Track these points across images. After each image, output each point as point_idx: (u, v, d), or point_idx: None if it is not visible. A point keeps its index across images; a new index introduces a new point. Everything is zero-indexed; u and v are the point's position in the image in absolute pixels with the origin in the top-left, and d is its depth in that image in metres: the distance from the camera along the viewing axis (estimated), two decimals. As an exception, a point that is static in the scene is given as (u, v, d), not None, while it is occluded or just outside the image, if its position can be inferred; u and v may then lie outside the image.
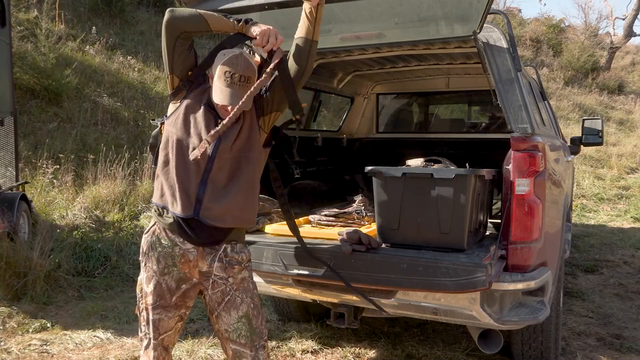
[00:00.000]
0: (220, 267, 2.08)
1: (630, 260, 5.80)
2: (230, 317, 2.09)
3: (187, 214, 2.00)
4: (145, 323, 2.12)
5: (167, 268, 2.07)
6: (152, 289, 2.07)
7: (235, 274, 2.10)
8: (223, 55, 2.00)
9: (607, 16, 21.65)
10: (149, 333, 2.12)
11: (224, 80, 1.96)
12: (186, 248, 2.06)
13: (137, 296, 2.15)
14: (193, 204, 2.00)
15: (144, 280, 2.11)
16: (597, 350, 3.48)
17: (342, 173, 4.52)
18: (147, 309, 2.10)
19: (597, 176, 10.90)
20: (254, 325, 2.11)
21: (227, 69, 1.96)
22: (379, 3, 2.41)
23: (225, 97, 1.96)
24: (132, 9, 12.82)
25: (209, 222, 2.01)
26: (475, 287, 2.17)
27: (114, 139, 7.98)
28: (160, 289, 2.07)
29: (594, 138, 5.13)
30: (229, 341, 2.12)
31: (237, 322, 2.09)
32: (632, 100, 17.14)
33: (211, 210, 2.01)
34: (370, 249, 2.42)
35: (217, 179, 2.02)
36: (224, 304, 2.09)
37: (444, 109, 5.38)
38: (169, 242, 2.06)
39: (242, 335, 2.09)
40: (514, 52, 2.59)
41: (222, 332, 2.13)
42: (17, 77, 7.30)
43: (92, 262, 5.00)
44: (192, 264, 2.08)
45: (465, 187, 2.37)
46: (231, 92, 1.96)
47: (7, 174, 5.93)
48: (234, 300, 2.09)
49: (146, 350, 2.13)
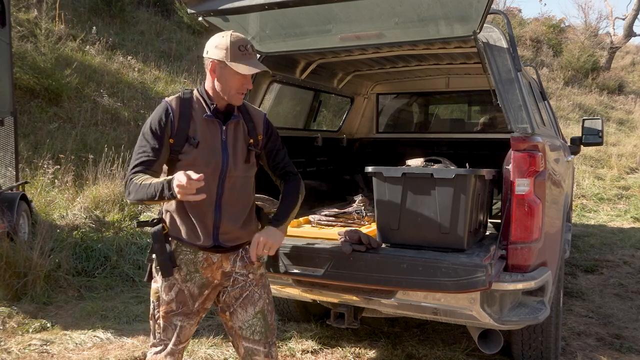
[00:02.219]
0: (241, 265, 2.13)
1: (630, 260, 5.80)
2: (246, 313, 2.11)
3: (208, 244, 2.04)
4: (161, 330, 2.09)
5: (189, 274, 2.06)
6: (173, 297, 2.05)
7: (255, 269, 2.15)
8: (221, 37, 1.99)
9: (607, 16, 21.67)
10: (165, 339, 2.09)
11: (242, 54, 1.98)
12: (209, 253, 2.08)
13: (152, 304, 2.11)
14: (212, 233, 2.04)
15: (162, 288, 2.06)
16: (597, 350, 3.48)
17: (342, 173, 4.52)
18: (164, 317, 2.07)
19: (597, 176, 10.90)
20: (268, 322, 2.15)
21: (241, 44, 1.98)
22: (379, 3, 2.41)
23: (254, 65, 1.99)
24: (132, 9, 12.83)
25: (229, 245, 2.08)
26: (475, 287, 2.17)
27: (114, 139, 7.98)
28: (183, 296, 2.06)
29: (594, 138, 5.13)
30: (242, 339, 2.13)
31: (253, 318, 2.11)
32: (632, 100, 17.14)
33: (229, 234, 2.07)
34: (370, 249, 2.42)
35: (229, 201, 2.06)
36: (241, 300, 2.12)
37: (444, 109, 5.38)
38: (190, 248, 2.06)
39: (257, 332, 2.12)
40: (514, 52, 2.59)
41: (236, 329, 2.14)
42: (17, 77, 7.30)
43: (92, 262, 4.99)
44: (216, 265, 2.09)
45: (465, 187, 2.37)
46: (254, 62, 2.00)
47: (7, 174, 5.93)
48: (252, 296, 2.12)
49: (159, 354, 2.10)
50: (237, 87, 2.01)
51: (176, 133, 2.01)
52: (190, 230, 2.03)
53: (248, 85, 2.04)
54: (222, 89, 2.02)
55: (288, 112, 4.25)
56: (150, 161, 1.99)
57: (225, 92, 2.02)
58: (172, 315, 2.07)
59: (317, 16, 2.59)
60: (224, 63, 1.97)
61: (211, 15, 2.56)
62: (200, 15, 2.56)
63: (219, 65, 1.99)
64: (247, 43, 2.00)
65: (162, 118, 2.02)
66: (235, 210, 2.08)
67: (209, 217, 2.02)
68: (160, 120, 2.02)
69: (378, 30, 2.75)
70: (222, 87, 2.02)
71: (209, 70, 2.02)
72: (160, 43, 12.13)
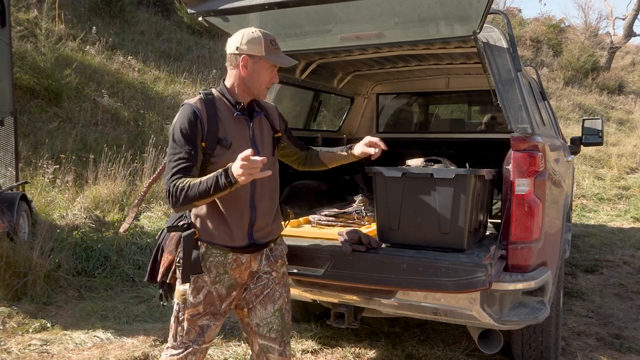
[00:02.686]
0: (266, 263, 2.15)
1: (630, 260, 5.80)
2: (265, 310, 2.13)
3: (244, 243, 2.05)
4: (184, 333, 2.07)
5: (219, 276, 2.06)
6: (201, 299, 2.05)
7: (278, 267, 2.18)
8: (251, 33, 2.01)
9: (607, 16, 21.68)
10: (187, 342, 2.08)
11: (275, 48, 2.04)
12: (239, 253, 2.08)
13: (177, 306, 2.08)
14: (247, 232, 2.05)
15: (189, 291, 2.04)
16: (597, 350, 3.48)
17: (342, 173, 4.52)
18: (189, 320, 2.06)
19: (597, 176, 10.90)
20: (285, 320, 2.17)
21: (271, 38, 2.03)
22: (379, 3, 2.41)
23: (288, 59, 2.08)
24: (132, 9, 12.83)
25: (263, 241, 2.11)
26: (475, 287, 2.17)
27: (114, 139, 7.98)
28: (211, 298, 2.06)
29: (594, 138, 5.13)
30: (258, 335, 2.15)
31: (272, 315, 2.13)
32: (632, 100, 17.14)
33: (262, 230, 2.10)
34: (370, 249, 2.42)
35: (261, 197, 2.08)
36: (262, 297, 2.14)
37: (444, 109, 5.38)
38: (220, 250, 2.05)
39: (274, 330, 2.14)
40: (514, 52, 2.59)
41: (253, 325, 2.15)
42: (17, 77, 7.30)
43: (92, 262, 4.99)
44: (245, 266, 2.09)
45: (465, 187, 2.37)
46: (284, 55, 2.09)
47: (7, 174, 5.93)
48: (273, 293, 2.14)
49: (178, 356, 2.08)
50: (267, 81, 2.06)
51: (207, 136, 1.98)
52: (225, 233, 2.02)
53: (275, 79, 2.09)
54: (252, 84, 2.05)
55: (288, 112, 4.24)
56: (189, 167, 1.94)
57: (255, 87, 2.05)
58: (197, 318, 2.06)
59: (317, 16, 2.59)
60: (258, 57, 2.00)
61: (211, 15, 2.56)
62: (200, 15, 2.56)
63: (251, 60, 2.01)
64: (274, 37, 2.06)
65: (191, 121, 1.97)
66: (266, 206, 2.11)
67: (245, 216, 2.04)
68: (190, 123, 1.96)
69: (378, 30, 2.75)
70: (253, 82, 2.04)
71: (240, 66, 2.01)
72: (160, 43, 12.13)
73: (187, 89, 10.42)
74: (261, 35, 2.00)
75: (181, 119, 1.98)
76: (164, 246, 2.36)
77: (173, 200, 1.89)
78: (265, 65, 2.01)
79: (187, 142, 1.94)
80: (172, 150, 1.96)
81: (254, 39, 1.99)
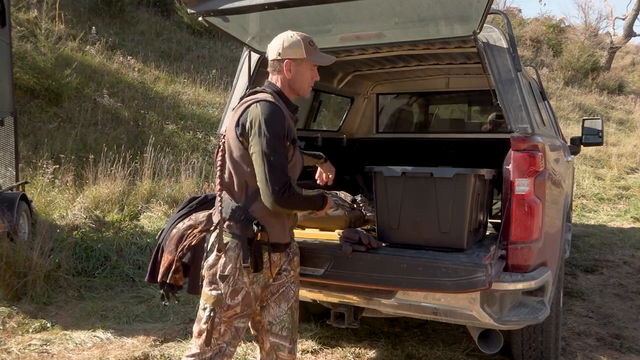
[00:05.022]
0: (287, 260, 2.20)
1: (630, 260, 5.80)
2: (279, 308, 2.17)
3: (289, 239, 2.18)
4: (220, 334, 2.05)
5: (256, 277, 2.07)
6: (239, 301, 2.05)
7: (295, 266, 2.23)
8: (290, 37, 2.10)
9: (607, 16, 21.69)
10: (222, 344, 2.06)
11: (314, 48, 2.14)
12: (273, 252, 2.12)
13: (207, 311, 2.04)
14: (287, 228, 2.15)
15: (227, 294, 2.02)
16: (597, 350, 3.48)
17: (342, 173, 4.52)
18: (226, 322, 2.05)
19: (597, 176, 10.90)
20: (295, 318, 2.21)
21: (309, 40, 2.13)
22: (379, 3, 2.41)
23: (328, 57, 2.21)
24: (132, 9, 12.83)
25: (291, 236, 2.22)
26: (475, 287, 2.17)
27: (114, 139, 7.98)
28: (249, 299, 2.07)
29: (594, 138, 5.13)
30: (269, 333, 2.17)
31: (284, 314, 2.17)
32: (632, 100, 17.15)
33: (293, 226, 2.23)
34: (370, 249, 2.42)
35: None
36: (277, 295, 2.17)
37: (444, 109, 5.38)
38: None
39: (285, 328, 2.17)
40: (514, 52, 2.59)
41: (265, 323, 2.17)
42: (17, 77, 7.30)
43: (92, 262, 5.00)
44: (275, 264, 2.13)
45: (465, 187, 2.37)
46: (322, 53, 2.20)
47: (7, 174, 5.93)
48: (287, 292, 2.18)
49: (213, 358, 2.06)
50: (310, 81, 2.17)
51: (289, 136, 2.05)
52: (280, 232, 2.10)
53: (316, 77, 2.21)
54: (297, 86, 2.14)
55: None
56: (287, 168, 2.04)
57: (300, 88, 2.16)
58: (234, 319, 2.06)
59: (317, 16, 2.59)
60: (300, 60, 2.09)
61: (211, 15, 2.56)
62: (200, 15, 2.55)
63: (294, 63, 2.10)
64: (312, 38, 2.16)
65: (283, 122, 2.02)
66: None
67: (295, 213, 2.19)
68: (283, 124, 2.02)
69: (378, 30, 2.75)
70: (298, 84, 2.14)
71: (285, 70, 2.10)
72: (160, 43, 12.13)
73: (187, 89, 10.43)
74: (300, 38, 2.10)
75: (275, 120, 1.99)
76: (164, 246, 2.36)
77: (289, 204, 2.03)
78: (308, 65, 2.13)
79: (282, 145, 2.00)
80: (276, 150, 1.97)
81: (294, 43, 2.09)
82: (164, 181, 6.99)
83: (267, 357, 2.22)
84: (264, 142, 1.95)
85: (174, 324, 3.85)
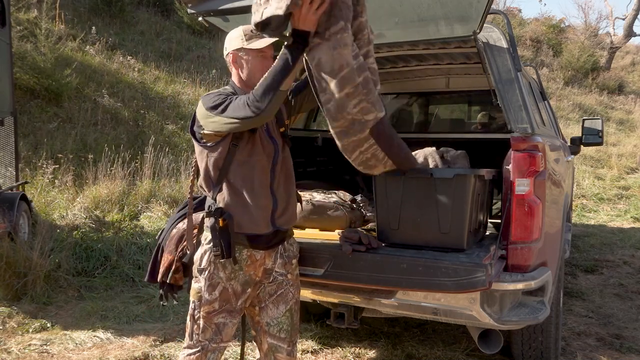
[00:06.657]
0: (281, 264, 2.17)
1: (630, 260, 5.80)
2: (277, 310, 2.15)
3: (269, 229, 2.07)
4: (200, 331, 2.07)
5: (233, 272, 2.06)
6: (216, 296, 2.05)
7: (293, 269, 2.21)
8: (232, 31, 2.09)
9: (607, 16, 21.71)
10: (203, 341, 2.07)
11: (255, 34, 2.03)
12: (253, 249, 2.09)
13: (192, 304, 2.08)
14: (269, 217, 2.06)
15: (205, 288, 2.05)
16: (597, 350, 3.48)
17: (342, 173, 4.51)
18: (205, 317, 2.06)
19: (597, 176, 10.90)
20: (294, 321, 2.19)
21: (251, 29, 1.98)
22: (379, 3, 2.41)
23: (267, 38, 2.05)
24: (132, 9, 12.83)
25: (284, 228, 2.13)
26: (475, 287, 2.17)
27: (114, 139, 7.98)
28: (227, 294, 2.07)
29: (594, 138, 5.13)
30: (267, 335, 2.16)
31: (282, 315, 2.15)
32: (632, 100, 17.15)
33: (283, 216, 2.11)
34: (370, 249, 2.42)
35: (279, 183, 2.11)
36: (275, 297, 2.16)
37: (444, 109, 5.38)
38: (236, 247, 2.05)
39: (283, 330, 2.16)
40: (514, 52, 2.59)
41: (263, 324, 2.16)
42: (17, 77, 7.30)
43: (92, 262, 5.00)
44: (259, 262, 2.11)
45: (465, 187, 2.37)
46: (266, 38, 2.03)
47: (7, 174, 5.93)
48: (286, 294, 2.17)
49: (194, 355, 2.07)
50: (261, 69, 2.02)
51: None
52: (249, 221, 2.03)
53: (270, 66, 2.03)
54: (248, 77, 2.08)
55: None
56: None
57: (253, 78, 2.04)
58: (213, 315, 2.06)
59: (317, 16, 2.58)
60: (242, 49, 2.04)
61: (211, 15, 2.56)
62: (200, 15, 2.56)
63: (238, 55, 2.07)
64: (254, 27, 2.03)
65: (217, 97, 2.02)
66: (284, 191, 2.14)
67: (266, 203, 2.06)
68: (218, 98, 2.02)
69: (378, 30, 2.75)
70: (248, 75, 2.08)
71: (232, 63, 2.09)
72: (160, 43, 12.13)
73: (187, 89, 10.43)
74: (240, 28, 2.07)
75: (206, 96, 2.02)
76: (164, 246, 2.36)
77: (256, 106, 1.87)
78: (252, 54, 2.05)
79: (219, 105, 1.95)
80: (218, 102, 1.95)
81: (233, 35, 2.08)
82: (164, 181, 7.00)
83: (265, 358, 2.22)
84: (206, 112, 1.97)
85: (174, 324, 3.85)
